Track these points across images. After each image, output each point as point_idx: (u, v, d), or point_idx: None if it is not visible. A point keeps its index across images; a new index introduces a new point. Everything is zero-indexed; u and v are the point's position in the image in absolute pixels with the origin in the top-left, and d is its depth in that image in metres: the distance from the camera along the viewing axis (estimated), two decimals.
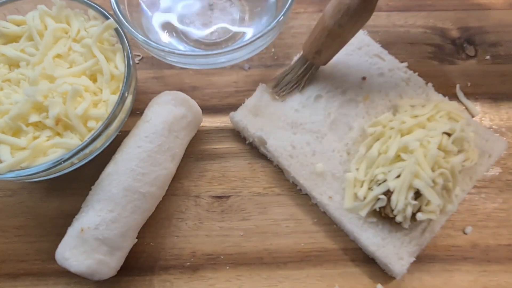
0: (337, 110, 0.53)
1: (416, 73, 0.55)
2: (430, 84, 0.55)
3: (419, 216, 0.45)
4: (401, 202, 0.44)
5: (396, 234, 0.48)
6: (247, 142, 0.55)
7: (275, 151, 0.51)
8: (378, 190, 0.46)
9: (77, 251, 0.43)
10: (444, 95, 0.54)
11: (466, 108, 0.57)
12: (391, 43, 0.60)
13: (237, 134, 0.56)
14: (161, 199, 0.49)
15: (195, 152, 0.54)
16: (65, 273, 0.46)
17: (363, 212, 0.47)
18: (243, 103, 0.54)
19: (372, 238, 0.47)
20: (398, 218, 0.45)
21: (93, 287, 0.48)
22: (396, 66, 0.56)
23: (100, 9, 0.50)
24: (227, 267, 0.49)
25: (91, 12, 0.51)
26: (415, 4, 0.63)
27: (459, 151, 0.48)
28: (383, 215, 0.47)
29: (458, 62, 0.60)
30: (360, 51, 0.56)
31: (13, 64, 0.50)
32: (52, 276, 0.49)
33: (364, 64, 0.56)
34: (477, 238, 0.50)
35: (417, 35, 0.61)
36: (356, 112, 0.53)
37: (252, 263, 0.49)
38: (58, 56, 0.49)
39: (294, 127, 0.53)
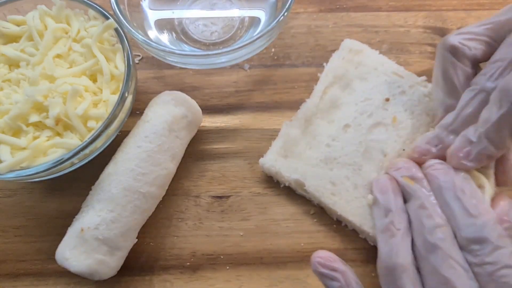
0: (367, 136, 0.50)
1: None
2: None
3: None
4: None
5: None
6: (281, 185, 0.52)
7: (316, 191, 0.48)
8: None
9: (77, 251, 0.43)
10: None
11: None
12: (391, 43, 0.60)
13: (237, 134, 0.55)
14: (161, 199, 0.49)
15: (195, 152, 0.54)
16: (65, 273, 0.46)
17: None
18: (270, 146, 0.51)
19: None
20: None
21: (93, 287, 0.48)
22: (415, 81, 0.52)
23: (100, 9, 0.50)
24: (227, 267, 0.49)
25: (91, 12, 0.51)
26: (415, 4, 0.63)
27: None
28: None
29: None
30: (376, 71, 0.53)
31: (13, 64, 0.50)
32: (52, 276, 0.49)
33: (383, 84, 0.52)
34: None
35: (417, 35, 0.61)
36: (387, 136, 0.50)
37: (252, 263, 0.49)
38: (58, 56, 0.49)
39: (329, 163, 0.49)
